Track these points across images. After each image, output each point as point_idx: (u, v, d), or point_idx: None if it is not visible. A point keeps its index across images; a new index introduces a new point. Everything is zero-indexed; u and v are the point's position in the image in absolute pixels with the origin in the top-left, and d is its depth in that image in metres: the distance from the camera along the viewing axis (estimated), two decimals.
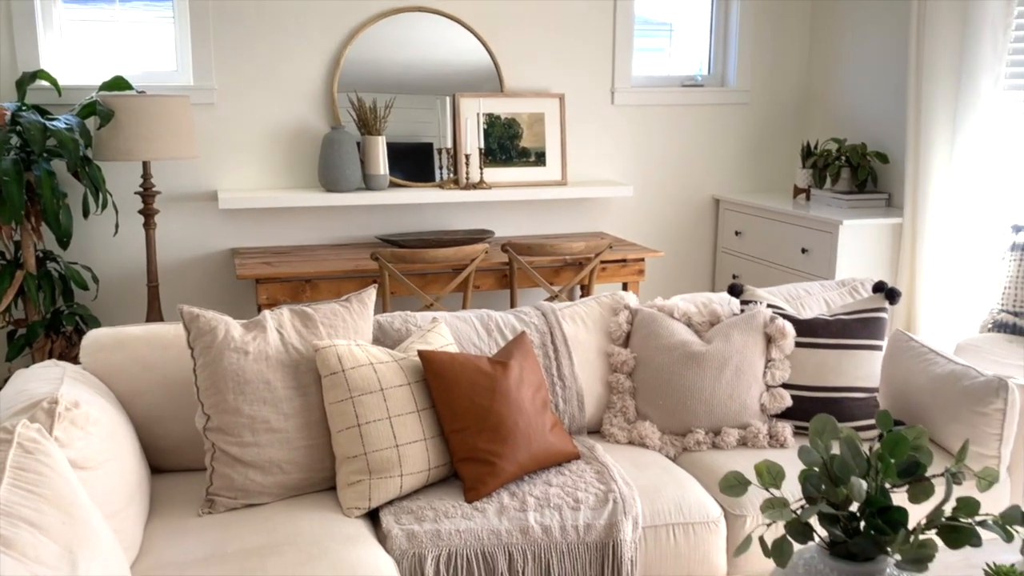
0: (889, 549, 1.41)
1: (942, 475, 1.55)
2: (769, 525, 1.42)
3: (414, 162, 4.15)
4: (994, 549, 1.97)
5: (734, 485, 1.48)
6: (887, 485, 1.53)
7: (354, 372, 2.29)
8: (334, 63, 4.00)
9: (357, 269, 3.62)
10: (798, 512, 1.42)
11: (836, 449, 2.02)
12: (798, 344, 2.71)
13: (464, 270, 3.59)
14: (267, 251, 3.94)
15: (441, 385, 2.34)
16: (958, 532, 1.43)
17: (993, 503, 2.56)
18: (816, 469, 1.44)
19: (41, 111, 3.53)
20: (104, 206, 3.55)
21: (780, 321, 2.70)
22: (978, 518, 1.45)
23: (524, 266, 3.66)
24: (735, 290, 2.87)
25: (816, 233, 3.94)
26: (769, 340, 2.71)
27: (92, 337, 2.49)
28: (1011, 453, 2.53)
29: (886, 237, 3.90)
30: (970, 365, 2.61)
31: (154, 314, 3.74)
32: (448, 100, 4.12)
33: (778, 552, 1.40)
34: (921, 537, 1.39)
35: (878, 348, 2.72)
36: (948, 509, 1.47)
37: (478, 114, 4.11)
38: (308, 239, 4.10)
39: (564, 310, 2.83)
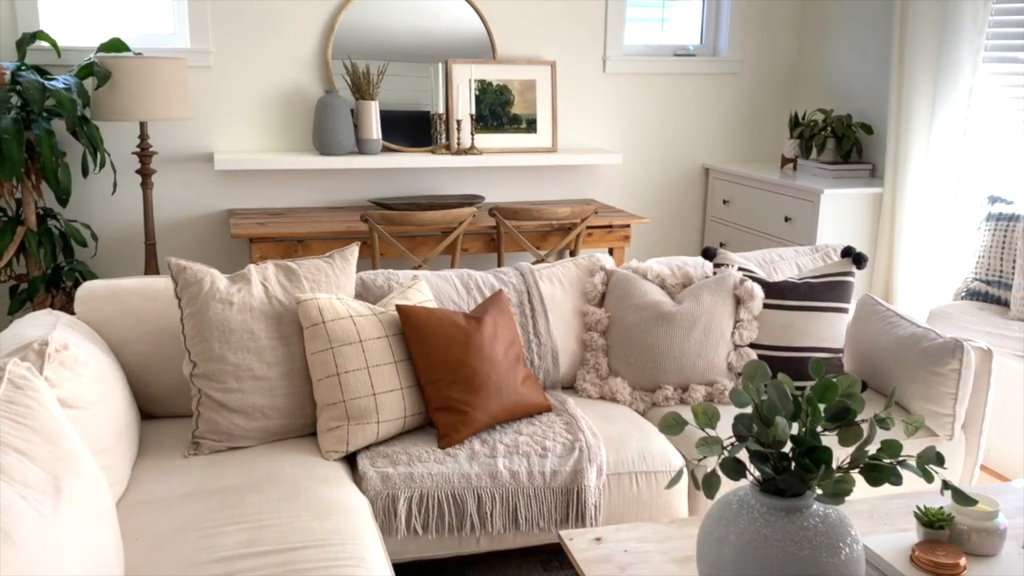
0: (812, 485, 1.52)
1: (868, 420, 1.65)
2: (700, 460, 1.53)
3: (410, 130, 4.23)
4: (935, 497, 2.08)
5: (672, 425, 1.58)
6: (818, 428, 1.63)
7: (334, 324, 2.40)
8: (328, 28, 4.07)
9: (348, 230, 3.72)
10: (728, 449, 1.52)
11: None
12: (766, 306, 2.81)
13: (452, 233, 3.69)
14: (262, 212, 4.04)
15: (418, 338, 2.45)
16: (878, 471, 1.53)
17: (950, 462, 2.67)
18: (748, 411, 1.54)
19: (41, 71, 3.62)
20: (102, 165, 3.66)
21: (749, 283, 2.80)
22: (900, 459, 1.55)
23: (511, 230, 3.75)
24: (708, 253, 2.96)
25: (799, 202, 4.02)
26: (738, 302, 2.81)
27: (86, 288, 2.60)
28: (966, 412, 2.63)
29: (867, 206, 3.97)
30: (931, 328, 2.71)
31: (151, 272, 3.85)
32: (441, 67, 4.19)
33: (707, 485, 1.51)
34: (840, 474, 1.49)
35: (843, 311, 2.82)
36: (873, 450, 1.58)
37: (470, 80, 4.19)
38: (302, 201, 4.20)
39: (542, 271, 2.93)
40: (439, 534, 2.30)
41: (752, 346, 2.80)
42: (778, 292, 2.82)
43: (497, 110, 4.27)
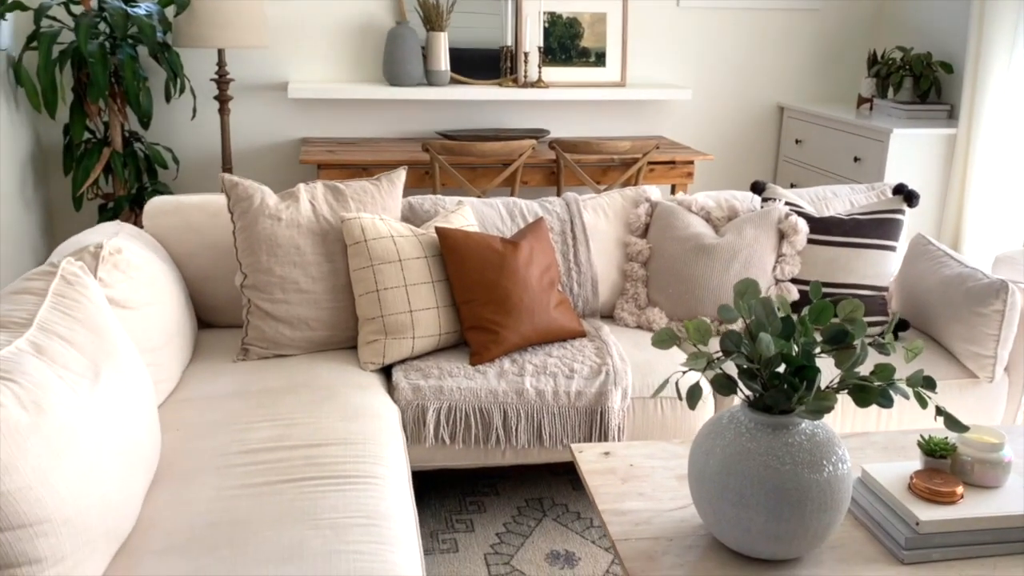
0: (796, 402, 1.55)
1: (869, 344, 1.66)
2: (685, 373, 1.58)
3: (480, 65, 4.27)
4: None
5: (664, 340, 1.62)
6: (817, 350, 1.65)
7: (375, 243, 2.50)
8: None
9: (411, 159, 3.81)
10: (714, 362, 1.56)
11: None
12: (811, 241, 2.79)
13: (511, 165, 3.74)
14: (332, 141, 4.17)
15: (455, 259, 2.54)
16: (866, 391, 1.55)
17: (991, 404, 2.62)
18: (736, 327, 1.57)
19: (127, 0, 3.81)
20: (182, 91, 3.84)
21: (793, 218, 2.78)
22: (889, 382, 1.56)
23: (570, 163, 3.78)
24: (757, 187, 2.95)
25: (868, 142, 3.92)
26: (782, 236, 2.79)
27: (153, 203, 2.77)
28: (1009, 354, 2.57)
29: (939, 148, 3.84)
30: (978, 269, 2.64)
31: None
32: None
33: (690, 396, 1.56)
34: (824, 392, 1.52)
35: (891, 248, 2.77)
36: (866, 372, 1.59)
37: (539, 13, 4.19)
38: (372, 131, 4.32)
39: (587, 201, 2.97)
40: (465, 445, 2.41)
41: (794, 281, 2.79)
42: (823, 227, 2.79)
43: (566, 43, 4.27)
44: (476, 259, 2.53)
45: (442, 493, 2.70)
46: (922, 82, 4.05)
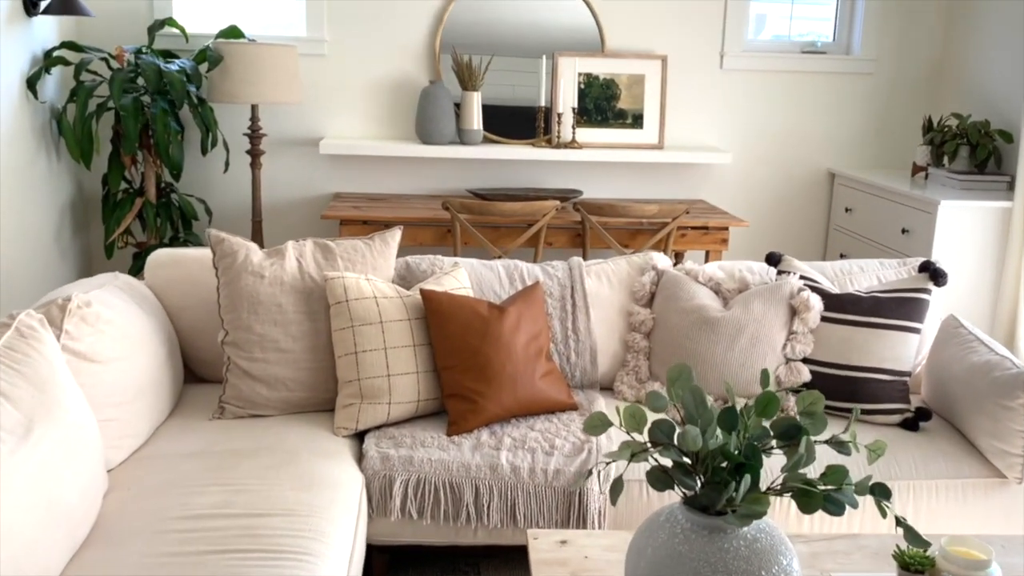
0: (730, 502, 1.39)
1: (826, 442, 1.50)
2: (608, 464, 1.44)
3: (513, 124, 4.23)
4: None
5: (596, 425, 1.49)
6: (771, 446, 1.49)
7: (357, 303, 2.44)
8: (438, 20, 4.14)
9: (435, 218, 3.77)
10: (647, 452, 1.42)
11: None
12: (825, 319, 2.60)
13: (534, 225, 3.65)
14: (363, 197, 4.17)
15: (437, 322, 2.45)
16: (809, 496, 1.38)
17: (1018, 506, 2.37)
18: (667, 416, 1.43)
19: (170, 55, 3.91)
20: (214, 144, 3.89)
21: (806, 293, 2.60)
22: (837, 487, 1.39)
23: (595, 226, 3.67)
24: (772, 258, 2.78)
25: (916, 213, 3.70)
26: (794, 312, 2.62)
27: (155, 255, 2.78)
28: None
29: (993, 222, 3.60)
30: (1008, 357, 2.42)
31: None
32: (547, 59, 4.16)
33: (613, 490, 1.42)
34: (756, 494, 1.36)
35: (913, 330, 2.57)
36: (815, 473, 1.43)
37: (577, 73, 4.13)
38: (403, 188, 4.30)
39: (591, 266, 2.85)
40: (434, 520, 2.29)
41: (806, 361, 2.60)
42: (839, 305, 2.61)
43: (602, 104, 4.19)
44: (458, 323, 2.43)
45: (420, 571, 2.58)
46: (979, 151, 3.81)
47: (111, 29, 4.04)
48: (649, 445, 1.42)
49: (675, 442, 1.43)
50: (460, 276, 2.67)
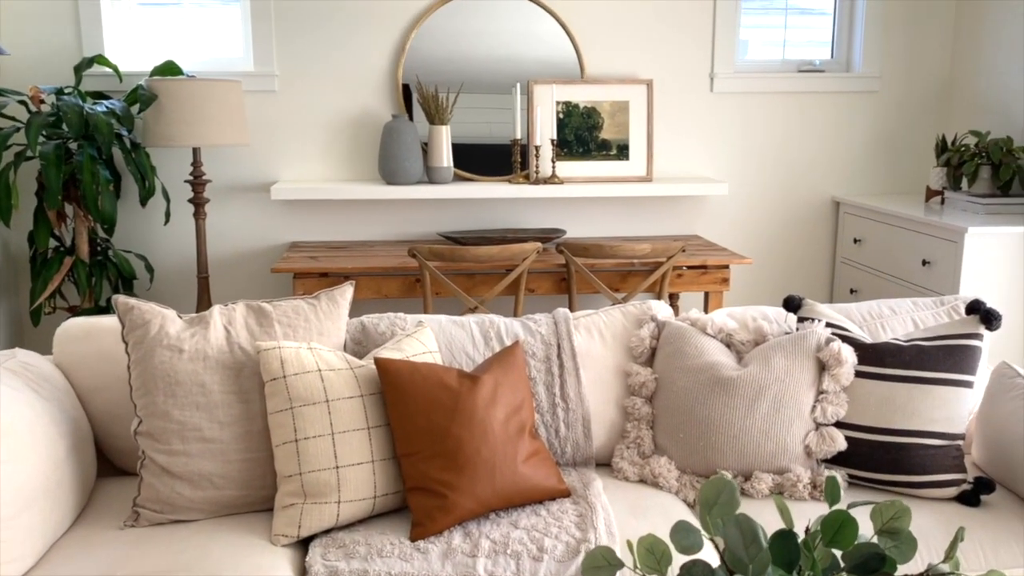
0: None
1: (920, 575, 1.07)
2: None
3: (487, 162, 3.84)
4: None
5: (600, 567, 1.06)
6: None
7: (296, 379, 2.00)
8: (399, 50, 3.76)
9: (401, 266, 3.35)
10: None
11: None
12: (860, 374, 2.19)
13: (514, 271, 3.24)
14: (323, 246, 3.75)
15: (396, 399, 2.01)
16: None
17: None
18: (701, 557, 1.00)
19: (101, 96, 3.50)
20: (152, 194, 3.47)
21: (836, 345, 2.19)
22: None
23: (582, 269, 3.26)
24: (791, 304, 2.37)
25: (939, 242, 3.31)
26: (822, 367, 2.20)
27: (65, 326, 2.34)
28: None
29: None
30: None
31: (204, 306, 3.63)
32: (520, 88, 3.78)
33: None
34: None
35: (966, 384, 2.15)
36: None
37: (555, 102, 3.75)
38: (369, 234, 3.89)
39: (580, 319, 2.43)
40: None
41: (839, 426, 2.18)
42: (876, 357, 2.19)
43: (583, 135, 3.80)
44: (422, 399, 2.00)
45: None
46: (1002, 171, 3.44)
47: (34, 68, 3.63)
48: None
49: None
50: (425, 338, 2.24)
